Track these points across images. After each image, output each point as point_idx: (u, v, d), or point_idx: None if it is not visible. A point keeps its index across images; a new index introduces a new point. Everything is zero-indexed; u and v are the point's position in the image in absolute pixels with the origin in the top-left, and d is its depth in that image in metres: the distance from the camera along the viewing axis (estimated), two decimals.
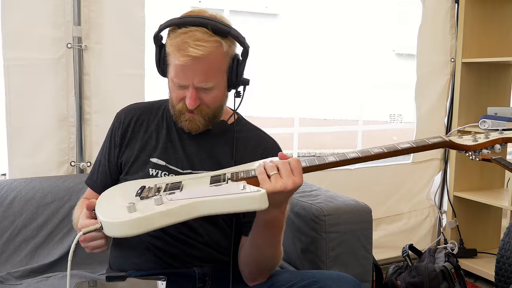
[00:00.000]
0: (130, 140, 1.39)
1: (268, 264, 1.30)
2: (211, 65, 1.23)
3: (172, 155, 1.36)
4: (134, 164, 1.36)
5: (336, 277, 1.20)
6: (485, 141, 1.20)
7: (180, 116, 1.31)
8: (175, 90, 1.29)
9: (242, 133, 1.41)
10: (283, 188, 1.06)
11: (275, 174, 1.08)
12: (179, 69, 1.23)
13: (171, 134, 1.39)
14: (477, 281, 2.64)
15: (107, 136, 1.44)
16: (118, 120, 1.42)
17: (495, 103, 2.77)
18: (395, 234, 2.76)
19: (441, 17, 2.71)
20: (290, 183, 1.07)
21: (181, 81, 1.25)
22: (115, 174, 1.41)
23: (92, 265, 1.75)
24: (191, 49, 1.19)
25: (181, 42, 1.21)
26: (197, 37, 1.20)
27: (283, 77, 2.77)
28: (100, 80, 2.00)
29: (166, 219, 1.02)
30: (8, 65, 1.87)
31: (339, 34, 2.95)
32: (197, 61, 1.21)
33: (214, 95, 1.28)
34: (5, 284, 1.60)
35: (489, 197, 2.68)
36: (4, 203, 1.74)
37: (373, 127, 4.52)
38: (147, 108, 1.44)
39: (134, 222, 1.00)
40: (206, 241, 1.33)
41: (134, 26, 2.04)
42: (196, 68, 1.22)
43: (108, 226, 1.04)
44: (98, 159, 1.45)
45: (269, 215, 1.15)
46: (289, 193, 1.10)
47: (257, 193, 1.02)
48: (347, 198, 1.73)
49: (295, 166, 1.09)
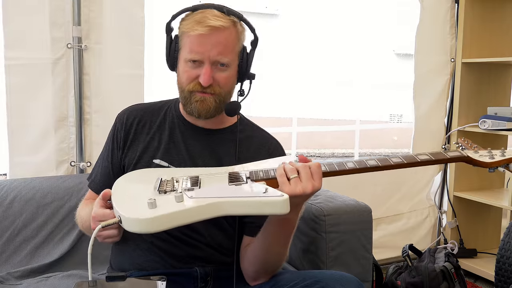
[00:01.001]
0: (132, 142, 1.39)
1: (275, 264, 1.30)
2: (228, 40, 1.26)
3: (175, 156, 1.36)
4: (137, 165, 1.36)
5: (338, 277, 1.20)
6: (501, 159, 1.20)
7: (191, 97, 1.29)
8: (187, 70, 1.28)
9: (245, 133, 1.41)
10: (302, 192, 1.06)
11: (296, 178, 1.08)
12: (196, 42, 1.24)
13: (174, 134, 1.38)
14: (477, 281, 2.64)
15: (108, 137, 1.43)
16: (120, 121, 1.41)
17: (495, 103, 2.77)
18: (395, 234, 2.76)
19: (441, 17, 2.71)
20: (310, 187, 1.07)
21: (198, 55, 1.25)
22: (118, 175, 1.40)
23: (92, 265, 1.74)
24: (211, 21, 1.23)
25: (201, 17, 1.24)
26: (215, 13, 1.25)
27: (283, 77, 2.77)
28: (100, 80, 2.00)
29: (188, 217, 1.01)
30: (8, 65, 1.87)
31: (339, 34, 2.95)
32: (216, 33, 1.24)
33: (227, 75, 1.29)
34: (5, 284, 1.60)
35: (489, 197, 2.68)
36: (4, 203, 1.73)
37: (372, 126, 4.53)
38: (149, 109, 1.43)
39: (156, 219, 0.99)
40: (209, 242, 1.33)
41: (134, 26, 2.04)
42: (214, 40, 1.24)
43: (128, 222, 1.02)
44: (100, 161, 1.44)
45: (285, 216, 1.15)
46: (307, 197, 1.10)
47: (280, 197, 1.02)
48: (347, 198, 1.73)
49: (315, 171, 1.09)
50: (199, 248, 1.32)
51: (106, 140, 1.44)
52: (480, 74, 2.76)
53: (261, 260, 1.28)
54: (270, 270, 1.31)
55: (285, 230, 1.22)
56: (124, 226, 1.03)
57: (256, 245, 1.28)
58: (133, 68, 2.05)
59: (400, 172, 2.76)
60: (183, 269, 1.31)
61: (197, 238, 1.32)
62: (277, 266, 1.31)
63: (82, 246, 1.77)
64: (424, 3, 2.65)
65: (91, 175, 1.46)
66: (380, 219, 2.71)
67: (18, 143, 1.92)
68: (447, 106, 2.82)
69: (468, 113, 2.76)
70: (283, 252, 1.28)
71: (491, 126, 2.53)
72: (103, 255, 1.72)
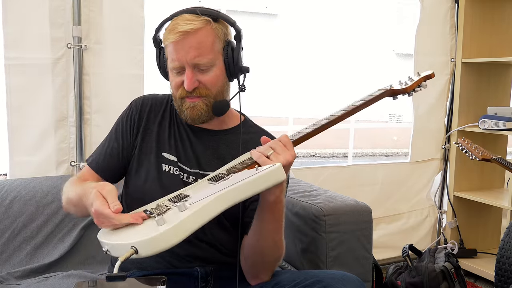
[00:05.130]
0: (145, 129, 1.39)
1: (272, 254, 1.29)
2: (202, 41, 1.26)
3: (182, 151, 1.36)
4: (148, 156, 1.36)
5: (340, 277, 1.20)
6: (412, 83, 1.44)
7: (182, 105, 1.31)
8: (173, 78, 1.30)
9: (248, 134, 1.41)
10: (285, 161, 1.12)
11: (273, 153, 1.14)
12: (173, 50, 1.27)
13: (182, 131, 1.39)
14: (477, 281, 2.64)
15: (121, 119, 1.41)
16: (136, 105, 1.41)
17: (495, 103, 2.77)
18: (395, 234, 2.76)
19: (441, 17, 2.72)
20: (289, 155, 1.14)
21: (176, 62, 1.27)
22: (127, 157, 1.38)
23: (92, 265, 1.75)
24: (181, 26, 1.25)
25: (172, 25, 1.27)
26: (186, 17, 1.27)
27: (280, 76, 2.77)
28: (100, 80, 2.00)
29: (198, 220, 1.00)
30: (8, 65, 1.87)
31: (338, 34, 2.95)
32: (188, 37, 1.25)
33: (211, 76, 1.29)
34: (5, 284, 1.60)
35: (489, 197, 2.68)
36: (4, 203, 1.74)
37: (371, 126, 4.53)
38: (162, 101, 1.44)
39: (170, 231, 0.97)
40: (210, 241, 1.33)
41: (134, 26, 2.04)
42: (187, 44, 1.25)
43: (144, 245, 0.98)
44: (106, 142, 1.41)
45: (273, 194, 1.17)
46: (289, 167, 1.17)
47: (274, 166, 1.06)
48: (347, 198, 1.73)
49: (286, 141, 1.17)
50: (199, 248, 1.32)
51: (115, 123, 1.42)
52: (480, 74, 2.76)
53: (257, 251, 1.27)
54: (268, 263, 1.30)
55: (275, 214, 1.22)
56: (142, 253, 0.98)
57: (250, 237, 1.28)
58: (133, 68, 2.06)
59: (399, 171, 2.77)
60: (183, 269, 1.31)
61: (198, 237, 1.31)
62: (274, 259, 1.30)
63: (82, 246, 1.78)
64: (424, 3, 2.66)
65: (92, 155, 1.42)
66: (380, 219, 2.71)
67: (18, 143, 1.92)
68: (447, 106, 2.82)
69: (468, 113, 2.76)
70: (277, 239, 1.27)
71: (491, 126, 2.53)
72: (102, 255, 1.72)
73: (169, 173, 1.33)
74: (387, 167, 2.78)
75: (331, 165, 2.65)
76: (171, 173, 1.33)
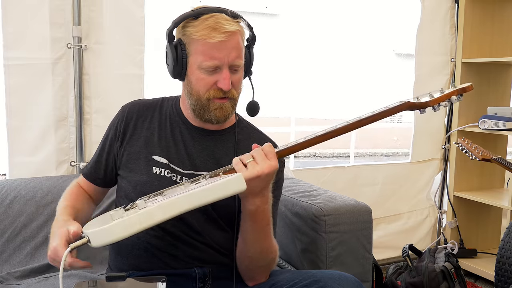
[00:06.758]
0: (132, 136, 1.39)
1: (264, 260, 1.29)
2: (239, 42, 1.27)
3: (174, 154, 1.36)
4: (137, 161, 1.36)
5: (337, 276, 1.20)
6: (441, 95, 1.25)
7: (209, 105, 1.28)
8: (204, 77, 1.26)
9: (243, 134, 1.41)
10: (261, 172, 1.10)
11: (251, 161, 1.12)
12: (214, 49, 1.23)
13: (175, 133, 1.38)
14: (477, 281, 2.64)
15: (109, 127, 1.43)
16: (123, 113, 1.41)
17: (495, 103, 2.77)
18: (395, 234, 2.76)
19: (441, 17, 2.72)
20: (266, 166, 1.11)
21: (216, 61, 1.24)
22: (111, 164, 1.40)
23: (92, 265, 1.74)
24: (226, 26, 1.23)
25: (214, 22, 1.23)
26: (225, 17, 1.25)
27: (282, 76, 2.77)
28: (100, 80, 2.00)
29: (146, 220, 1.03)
30: (8, 65, 1.87)
31: (339, 34, 2.95)
32: (232, 37, 1.24)
33: (239, 77, 1.30)
34: (5, 284, 1.60)
35: (489, 197, 2.68)
36: (4, 203, 1.74)
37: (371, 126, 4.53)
38: (151, 104, 1.43)
39: (120, 226, 1.01)
40: (207, 242, 1.33)
41: (134, 26, 2.04)
42: (231, 44, 1.24)
43: (95, 236, 1.03)
44: (98, 149, 1.44)
45: (253, 205, 1.17)
46: (267, 178, 1.13)
47: (233, 176, 1.06)
48: (347, 198, 1.73)
49: (268, 151, 1.14)
50: (197, 248, 1.32)
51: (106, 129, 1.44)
52: (480, 74, 2.76)
53: (247, 256, 1.28)
54: (262, 267, 1.30)
55: (258, 224, 1.22)
56: (93, 242, 1.04)
57: (239, 243, 1.29)
58: (134, 68, 2.06)
59: (399, 171, 2.77)
60: (181, 270, 1.31)
61: (196, 238, 1.32)
62: (268, 263, 1.30)
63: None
64: (425, 3, 2.66)
65: (87, 165, 1.47)
66: (380, 219, 2.71)
67: (18, 143, 1.92)
68: None
69: (468, 113, 2.76)
70: (266, 247, 1.27)
71: (491, 126, 2.53)
72: (102, 256, 1.72)
73: (160, 176, 1.33)
74: (387, 167, 2.78)
75: (333, 165, 2.65)
76: (162, 176, 1.33)
